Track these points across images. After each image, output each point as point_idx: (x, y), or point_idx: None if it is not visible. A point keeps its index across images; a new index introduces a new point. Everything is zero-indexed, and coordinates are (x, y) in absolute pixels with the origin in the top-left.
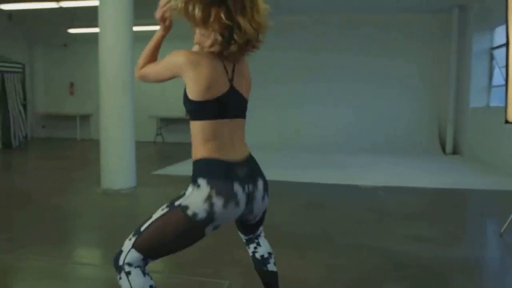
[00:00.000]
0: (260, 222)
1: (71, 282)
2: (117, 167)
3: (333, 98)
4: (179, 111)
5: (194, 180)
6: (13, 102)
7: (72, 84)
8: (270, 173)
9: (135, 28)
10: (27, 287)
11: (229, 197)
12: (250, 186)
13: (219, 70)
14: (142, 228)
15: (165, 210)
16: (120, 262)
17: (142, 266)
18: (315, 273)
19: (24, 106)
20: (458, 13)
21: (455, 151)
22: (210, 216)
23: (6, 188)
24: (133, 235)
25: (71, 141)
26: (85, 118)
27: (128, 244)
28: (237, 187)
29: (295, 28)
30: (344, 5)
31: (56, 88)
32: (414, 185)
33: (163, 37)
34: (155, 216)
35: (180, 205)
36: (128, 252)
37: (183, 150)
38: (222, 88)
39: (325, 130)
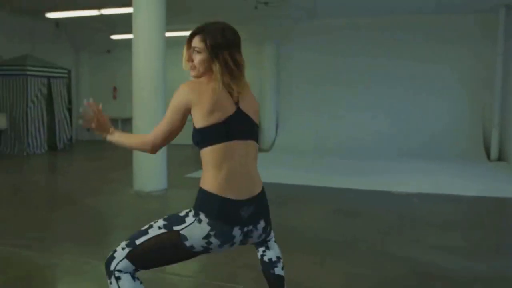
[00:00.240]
0: (265, 239)
1: (97, 280)
2: (149, 170)
3: (369, 103)
4: None
5: (196, 210)
6: (58, 106)
7: (115, 89)
8: (301, 178)
9: (168, 34)
10: (54, 284)
11: (226, 240)
12: (250, 227)
13: (223, 95)
14: (138, 242)
15: (163, 230)
16: (111, 268)
17: (132, 272)
18: (332, 281)
19: (69, 110)
20: (505, 13)
21: (500, 158)
22: (206, 250)
23: (48, 188)
24: (127, 246)
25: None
26: (127, 121)
27: (121, 253)
28: (236, 231)
29: (327, 31)
30: (380, 7)
31: (100, 92)
32: (453, 192)
33: (116, 133)
34: (152, 233)
35: (179, 232)
36: (121, 261)
37: None
38: (228, 110)
39: (360, 135)
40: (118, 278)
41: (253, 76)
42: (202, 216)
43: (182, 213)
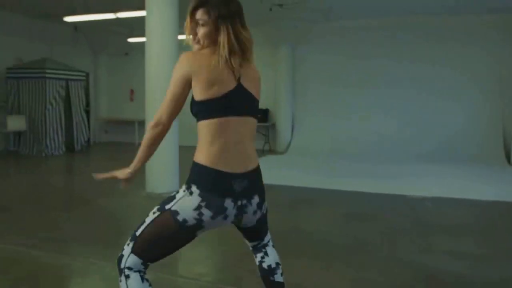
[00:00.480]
0: (264, 232)
1: (101, 281)
2: (160, 172)
3: (384, 105)
4: None
5: (189, 183)
6: (76, 108)
7: (132, 91)
8: (313, 180)
9: (180, 37)
10: (59, 285)
11: (218, 212)
12: (244, 201)
13: (224, 68)
14: (137, 234)
15: (157, 213)
16: (122, 266)
17: (142, 271)
18: (338, 286)
19: (87, 112)
20: None
21: None
22: (199, 223)
23: (63, 189)
24: (130, 240)
25: (130, 145)
26: (143, 123)
27: (127, 249)
28: (228, 203)
29: (343, 33)
30: (395, 8)
31: (118, 94)
32: (468, 197)
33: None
34: (148, 220)
35: (170, 209)
36: (128, 256)
37: None
38: (228, 85)
39: (376, 137)
40: (127, 277)
41: (268, 78)
42: (193, 188)
43: (174, 193)
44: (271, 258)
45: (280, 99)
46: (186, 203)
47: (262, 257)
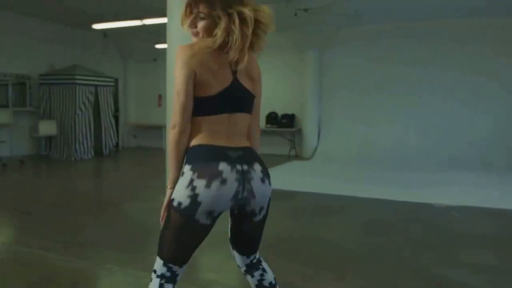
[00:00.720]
0: (261, 236)
1: (111, 286)
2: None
3: (412, 112)
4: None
5: (183, 169)
6: (105, 113)
7: (160, 96)
8: (337, 187)
9: None
10: None
11: (213, 176)
12: (244, 166)
13: (221, 63)
14: (160, 237)
15: (167, 213)
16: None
17: (165, 278)
18: None
19: (116, 117)
20: None
21: None
22: (193, 199)
23: (88, 193)
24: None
25: (157, 150)
26: None
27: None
28: (223, 166)
29: (370, 37)
30: (424, 12)
31: (146, 100)
32: (497, 206)
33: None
34: (163, 222)
35: (171, 201)
36: (156, 260)
37: None
38: (223, 82)
39: (403, 144)
40: (150, 280)
41: (294, 82)
42: (186, 168)
43: None
44: (269, 273)
45: (306, 104)
46: (179, 185)
47: (262, 275)
